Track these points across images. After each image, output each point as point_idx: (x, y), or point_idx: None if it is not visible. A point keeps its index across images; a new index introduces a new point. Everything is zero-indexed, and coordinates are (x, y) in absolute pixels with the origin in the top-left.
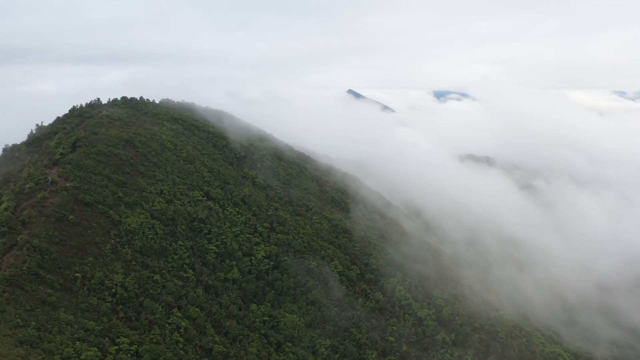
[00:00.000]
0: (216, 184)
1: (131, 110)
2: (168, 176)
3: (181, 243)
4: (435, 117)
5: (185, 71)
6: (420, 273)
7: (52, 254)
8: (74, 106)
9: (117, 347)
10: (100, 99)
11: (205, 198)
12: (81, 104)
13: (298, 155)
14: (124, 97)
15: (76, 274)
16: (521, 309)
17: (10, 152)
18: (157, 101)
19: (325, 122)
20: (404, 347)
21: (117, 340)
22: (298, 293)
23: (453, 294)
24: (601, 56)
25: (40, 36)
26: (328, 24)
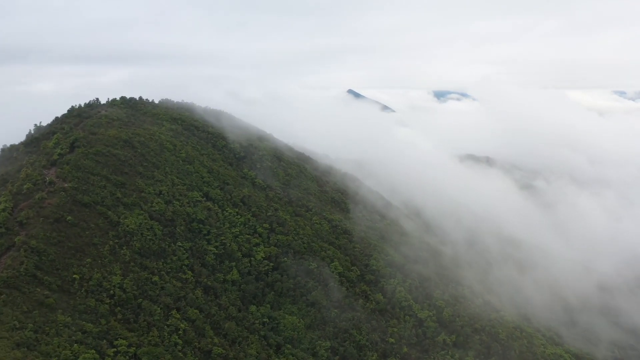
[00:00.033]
0: (215, 185)
1: (130, 110)
2: (167, 177)
3: (180, 244)
4: (435, 117)
5: (185, 71)
6: (420, 274)
7: (50, 255)
8: (73, 106)
9: (115, 350)
10: (99, 99)
11: (204, 199)
12: (80, 104)
13: (298, 155)
14: (123, 97)
15: (74, 276)
16: (522, 310)
17: (8, 153)
18: (157, 101)
19: (325, 122)
20: (405, 349)
21: (115, 342)
22: (298, 294)
23: (454, 295)
24: (601, 56)
25: (40, 36)
26: (328, 24)
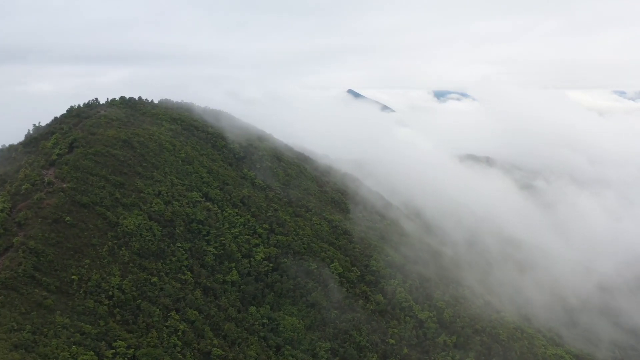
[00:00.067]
0: (215, 185)
1: (129, 110)
2: (166, 177)
3: (179, 245)
4: (435, 117)
5: (185, 71)
6: (420, 274)
7: (48, 256)
8: (72, 106)
9: (114, 351)
10: (98, 99)
11: (203, 199)
12: (79, 104)
13: (297, 155)
14: (122, 97)
15: (72, 277)
16: (522, 311)
17: (6, 153)
18: (156, 101)
19: (325, 122)
20: (405, 350)
21: (114, 343)
22: (298, 295)
23: (454, 296)
24: (601, 56)
25: (40, 36)
26: (328, 24)
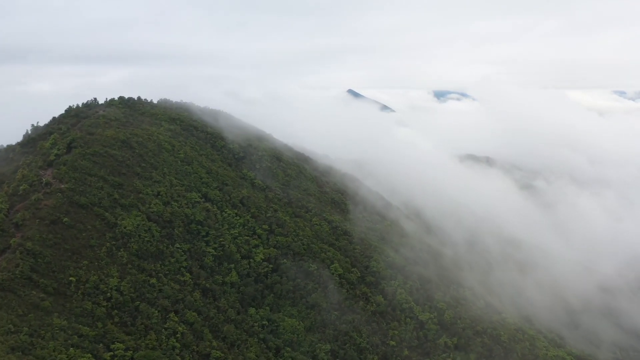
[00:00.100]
0: (214, 185)
1: (128, 110)
2: (165, 177)
3: (178, 246)
4: (435, 117)
5: (185, 71)
6: (421, 275)
7: (46, 258)
8: (70, 106)
9: (112, 353)
10: (97, 99)
11: (203, 199)
12: (77, 104)
13: (297, 155)
14: (121, 97)
15: (70, 278)
16: (523, 312)
17: (4, 153)
18: (156, 101)
19: (325, 122)
20: (405, 352)
21: (112, 346)
22: (297, 296)
23: (455, 297)
24: (601, 56)
25: (40, 36)
26: (328, 24)
